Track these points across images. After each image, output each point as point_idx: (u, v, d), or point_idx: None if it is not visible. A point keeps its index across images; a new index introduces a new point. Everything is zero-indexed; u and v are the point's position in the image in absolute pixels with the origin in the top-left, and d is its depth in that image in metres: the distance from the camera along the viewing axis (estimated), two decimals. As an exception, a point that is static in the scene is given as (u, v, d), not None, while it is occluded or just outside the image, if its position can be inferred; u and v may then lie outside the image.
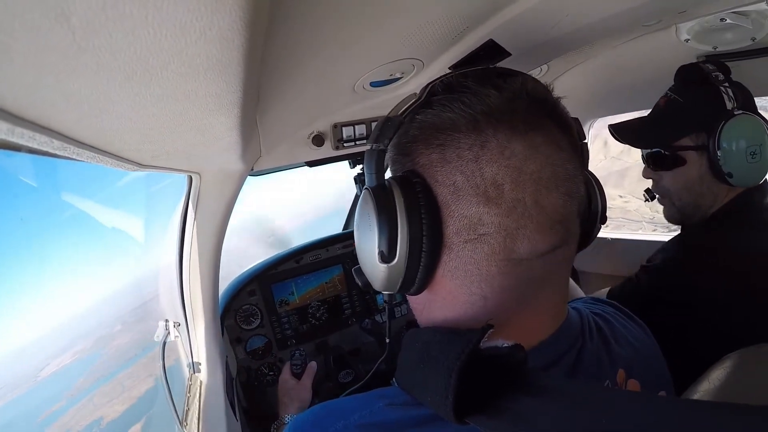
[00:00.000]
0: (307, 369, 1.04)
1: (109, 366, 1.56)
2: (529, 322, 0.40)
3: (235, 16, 0.24)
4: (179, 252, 0.89)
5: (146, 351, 1.43)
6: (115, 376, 1.54)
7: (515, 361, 0.32)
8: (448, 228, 0.37)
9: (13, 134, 0.27)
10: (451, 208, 0.36)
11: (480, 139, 0.35)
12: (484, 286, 0.37)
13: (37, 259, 0.97)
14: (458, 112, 0.36)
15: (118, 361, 1.62)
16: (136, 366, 1.56)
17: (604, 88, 1.38)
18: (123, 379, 1.56)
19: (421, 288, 0.40)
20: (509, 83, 0.38)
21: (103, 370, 1.53)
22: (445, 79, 0.39)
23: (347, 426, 0.37)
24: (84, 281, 1.31)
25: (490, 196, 0.35)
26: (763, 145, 0.82)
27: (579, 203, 0.39)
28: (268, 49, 0.42)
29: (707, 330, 0.77)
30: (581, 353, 0.42)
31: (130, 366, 1.59)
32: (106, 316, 1.57)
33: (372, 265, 0.39)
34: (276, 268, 1.29)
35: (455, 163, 0.36)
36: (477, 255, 0.36)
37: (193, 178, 0.78)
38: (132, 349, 1.62)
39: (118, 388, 1.52)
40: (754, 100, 0.87)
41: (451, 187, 0.36)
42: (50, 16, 0.19)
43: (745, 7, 0.87)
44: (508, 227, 0.35)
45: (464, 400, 0.31)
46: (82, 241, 1.22)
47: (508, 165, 0.35)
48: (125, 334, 1.67)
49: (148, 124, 0.40)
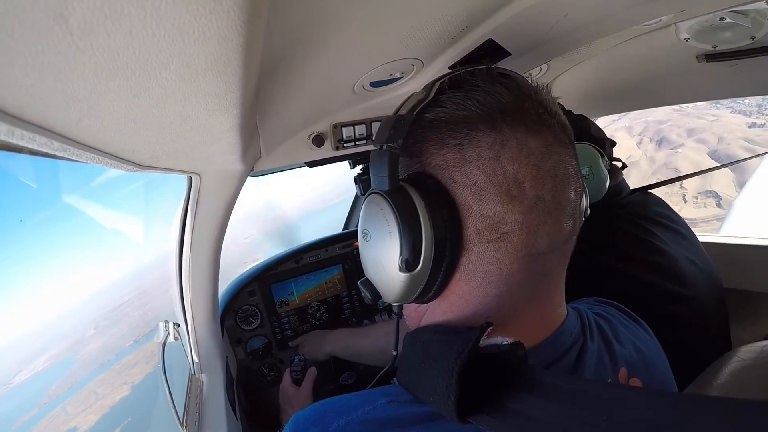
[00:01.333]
0: (307, 374, 1.03)
1: (82, 373, 1.56)
2: (534, 319, 0.40)
3: (234, 15, 0.23)
4: (179, 252, 0.88)
5: (120, 357, 1.43)
6: (88, 384, 1.54)
7: (515, 359, 0.32)
8: (468, 230, 0.36)
9: (13, 135, 0.27)
10: (472, 208, 0.35)
11: (500, 138, 0.35)
12: (501, 286, 0.37)
13: (9, 261, 0.95)
14: (474, 110, 0.36)
15: (91, 367, 1.62)
16: (110, 373, 1.56)
17: (604, 87, 1.38)
18: (96, 386, 1.55)
19: (437, 295, 0.39)
20: (515, 83, 0.38)
21: (76, 377, 1.53)
22: (452, 77, 0.38)
23: (350, 422, 0.36)
24: (60, 283, 1.30)
25: (513, 194, 0.35)
26: (593, 166, 0.92)
27: (581, 199, 0.40)
28: (268, 49, 0.42)
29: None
30: (582, 352, 0.42)
31: (103, 372, 1.59)
32: (79, 319, 1.57)
33: (389, 276, 0.37)
34: (276, 268, 1.29)
35: (476, 162, 0.35)
36: (500, 254, 0.36)
37: (193, 179, 0.78)
38: (105, 354, 1.61)
39: (91, 397, 1.52)
40: (592, 127, 1.01)
41: (472, 187, 0.35)
42: (49, 17, 0.19)
43: (745, 6, 0.87)
44: (530, 224, 0.35)
45: (466, 400, 0.31)
46: (56, 243, 1.21)
47: (528, 163, 0.35)
48: (98, 339, 1.67)
49: (148, 125, 0.40)
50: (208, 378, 0.93)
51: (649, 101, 1.37)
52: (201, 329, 0.96)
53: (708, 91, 1.21)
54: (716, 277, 0.91)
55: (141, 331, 11.78)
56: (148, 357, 6.99)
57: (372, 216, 0.38)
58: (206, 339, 0.97)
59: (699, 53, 1.07)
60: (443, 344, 0.34)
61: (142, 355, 8.24)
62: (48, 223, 20.03)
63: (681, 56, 1.08)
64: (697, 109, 21.07)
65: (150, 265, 3.79)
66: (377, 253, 0.38)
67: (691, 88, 1.22)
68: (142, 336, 10.41)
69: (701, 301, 0.82)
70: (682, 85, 1.23)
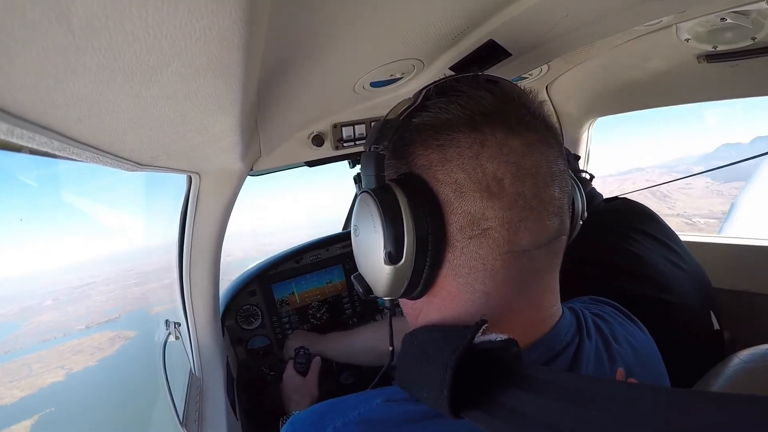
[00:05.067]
0: (313, 364, 1.04)
1: (24, 341, 1.53)
2: (527, 318, 0.40)
3: (235, 16, 0.24)
4: (179, 252, 0.88)
5: (67, 338, 1.40)
6: (27, 355, 1.50)
7: (509, 356, 0.33)
8: (451, 226, 0.37)
9: (13, 134, 0.27)
10: (453, 205, 0.37)
11: (479, 138, 0.37)
12: (487, 282, 0.38)
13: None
14: (456, 113, 0.38)
15: (35, 339, 1.59)
16: (51, 351, 1.53)
17: (604, 88, 1.38)
18: (33, 360, 1.52)
19: (424, 290, 0.40)
20: (499, 87, 0.39)
21: (16, 344, 1.50)
22: (438, 84, 0.41)
23: (347, 423, 0.37)
24: (26, 243, 1.27)
25: (493, 191, 0.36)
26: None
27: (568, 198, 0.41)
28: (270, 50, 0.42)
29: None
30: (579, 352, 0.42)
31: (45, 349, 1.56)
32: (40, 285, 1.54)
33: (376, 269, 0.39)
34: (276, 268, 1.29)
35: (456, 161, 0.37)
36: (482, 250, 0.37)
37: (193, 178, 0.78)
38: (53, 331, 1.59)
39: (24, 370, 1.49)
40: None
41: (453, 185, 0.37)
42: (50, 17, 0.19)
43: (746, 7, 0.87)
44: (510, 220, 0.36)
45: (460, 395, 0.31)
46: (43, 204, 1.19)
47: (507, 161, 0.36)
48: (53, 312, 1.64)
49: (148, 125, 0.40)
50: (209, 378, 0.93)
51: (649, 102, 1.37)
52: (201, 329, 0.96)
53: (708, 92, 1.21)
54: (704, 278, 0.89)
55: (96, 318, 11.56)
56: (94, 349, 6.83)
57: (361, 213, 0.41)
58: (207, 338, 0.97)
59: (699, 54, 1.07)
60: (439, 342, 0.35)
61: (88, 345, 7.99)
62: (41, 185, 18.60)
63: (681, 57, 1.08)
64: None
65: (125, 255, 3.74)
66: (365, 247, 0.40)
67: (692, 88, 1.22)
68: (96, 324, 10.17)
69: (686, 305, 0.81)
70: (683, 86, 1.23)
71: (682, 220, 20.28)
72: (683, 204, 29.00)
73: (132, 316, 11.20)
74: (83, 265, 19.42)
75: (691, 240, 1.39)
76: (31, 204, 22.95)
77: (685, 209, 24.24)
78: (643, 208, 0.99)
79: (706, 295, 0.87)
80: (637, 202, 1.01)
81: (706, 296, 0.87)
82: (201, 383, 0.91)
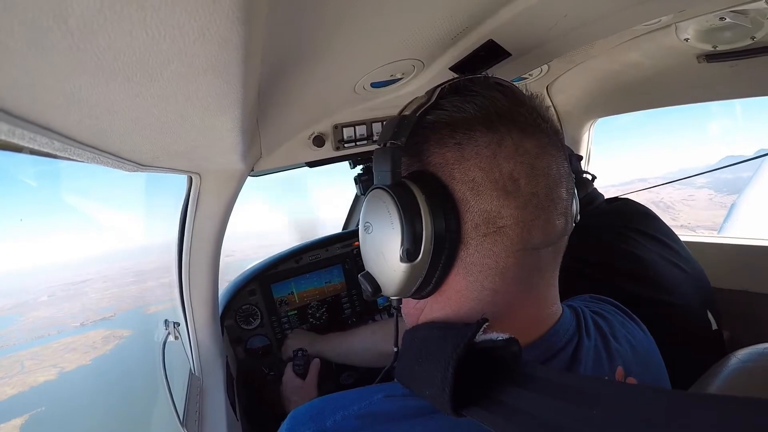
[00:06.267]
0: (312, 366, 1.04)
1: (18, 337, 1.52)
2: (529, 316, 0.41)
3: (232, 16, 0.24)
4: (179, 252, 0.89)
5: (61, 335, 1.40)
6: (21, 351, 1.49)
7: (510, 355, 0.33)
8: (466, 224, 0.37)
9: (14, 135, 0.27)
10: (470, 203, 0.37)
11: (496, 137, 0.37)
12: (497, 279, 0.38)
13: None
14: (473, 113, 0.38)
15: (30, 335, 1.58)
16: (46, 348, 1.52)
17: (604, 88, 1.38)
18: (26, 357, 1.51)
19: (435, 288, 0.40)
20: (510, 90, 0.40)
21: (8, 340, 1.49)
22: (452, 83, 0.41)
23: (346, 417, 0.37)
24: (28, 238, 1.26)
25: (509, 190, 0.37)
26: None
27: (572, 199, 0.42)
28: (270, 50, 0.42)
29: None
30: (578, 350, 0.42)
31: (39, 346, 1.55)
32: (39, 281, 1.53)
33: (391, 267, 0.38)
34: (276, 267, 1.29)
35: (474, 160, 0.37)
36: (496, 247, 0.37)
37: (193, 179, 0.78)
38: (47, 327, 1.58)
39: (16, 367, 1.48)
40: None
41: (469, 183, 0.37)
42: (49, 18, 0.19)
43: (745, 6, 0.87)
44: (524, 219, 0.37)
45: (461, 393, 0.31)
46: (43, 197, 1.18)
47: (523, 161, 0.37)
48: (49, 308, 1.63)
49: (149, 125, 0.40)
50: (208, 377, 0.93)
51: (649, 102, 1.37)
52: (201, 328, 0.96)
53: (708, 92, 1.21)
54: (703, 279, 0.89)
55: (92, 317, 11.41)
56: (88, 347, 6.70)
57: (375, 209, 0.40)
58: (206, 338, 0.97)
59: (699, 53, 1.07)
60: (440, 339, 0.35)
61: (82, 343, 7.85)
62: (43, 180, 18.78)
63: (681, 56, 1.08)
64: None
65: (124, 253, 3.67)
66: (379, 244, 0.40)
67: (692, 88, 1.22)
68: (91, 322, 10.02)
69: (685, 306, 0.81)
70: (683, 86, 1.23)
71: (686, 231, 20.48)
72: (686, 216, 29.09)
73: (127, 315, 11.10)
74: (82, 261, 19.27)
75: (691, 240, 1.39)
76: (32, 201, 22.53)
77: (689, 221, 24.33)
78: (644, 208, 0.99)
79: (706, 295, 0.87)
80: (639, 203, 1.01)
81: (706, 296, 0.87)
82: (201, 383, 0.91)
